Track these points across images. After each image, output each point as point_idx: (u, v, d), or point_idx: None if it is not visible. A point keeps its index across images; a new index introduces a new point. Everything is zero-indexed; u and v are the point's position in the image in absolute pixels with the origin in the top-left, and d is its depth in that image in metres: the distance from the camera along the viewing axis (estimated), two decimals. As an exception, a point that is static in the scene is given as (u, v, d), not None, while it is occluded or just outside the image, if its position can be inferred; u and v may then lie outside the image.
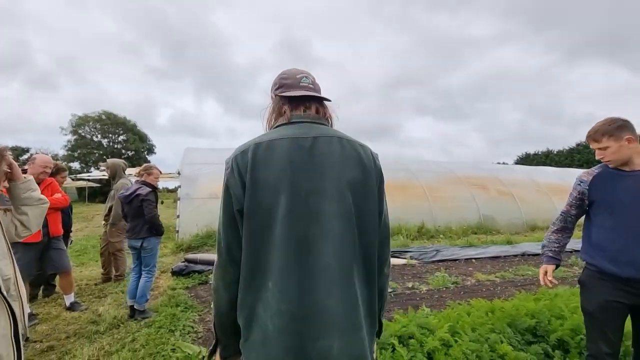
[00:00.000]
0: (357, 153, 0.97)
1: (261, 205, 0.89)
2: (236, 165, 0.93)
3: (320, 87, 1.11)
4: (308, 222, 0.88)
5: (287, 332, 0.84)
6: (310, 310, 0.85)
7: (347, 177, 0.92)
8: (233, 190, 0.92)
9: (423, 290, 4.32)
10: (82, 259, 6.26)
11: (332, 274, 0.86)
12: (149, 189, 3.41)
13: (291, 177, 0.89)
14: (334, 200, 0.89)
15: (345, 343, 0.85)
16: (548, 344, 2.31)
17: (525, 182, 11.73)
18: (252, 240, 0.89)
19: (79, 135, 32.24)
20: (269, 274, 0.88)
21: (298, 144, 0.93)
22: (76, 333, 2.98)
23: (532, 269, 5.40)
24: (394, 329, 2.32)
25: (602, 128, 1.64)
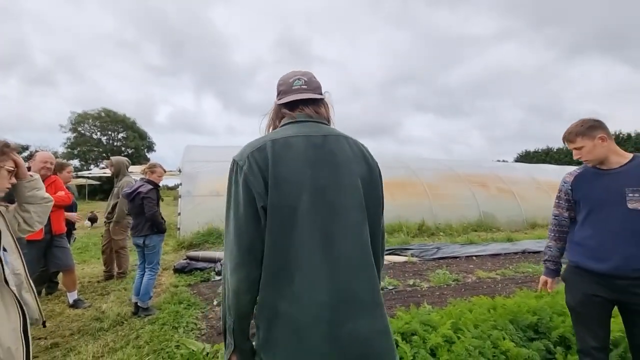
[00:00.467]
0: (360, 150, 1.05)
1: (285, 202, 0.90)
2: (254, 161, 0.93)
3: (318, 84, 1.12)
4: (329, 216, 0.92)
5: (321, 322, 0.88)
6: (341, 297, 0.90)
7: (357, 172, 0.99)
8: (254, 188, 0.91)
9: (424, 287, 4.34)
10: (83, 256, 6.28)
11: (354, 261, 0.93)
12: (150, 186, 3.43)
13: (310, 174, 0.93)
14: (349, 193, 0.96)
15: (371, 321, 0.92)
16: (550, 341, 2.33)
17: (526, 180, 11.75)
18: (277, 236, 0.90)
19: (78, 133, 32.24)
20: (295, 269, 0.89)
21: (311, 142, 0.98)
22: (80, 330, 3.00)
23: (532, 267, 5.43)
24: (396, 325, 2.33)
25: (575, 129, 1.72)
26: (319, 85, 1.13)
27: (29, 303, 1.42)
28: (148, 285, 3.34)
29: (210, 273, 4.83)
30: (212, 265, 5.02)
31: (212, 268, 4.94)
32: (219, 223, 7.29)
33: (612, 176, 1.69)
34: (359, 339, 0.89)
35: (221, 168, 8.94)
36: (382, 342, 0.93)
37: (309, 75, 1.12)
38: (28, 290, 1.44)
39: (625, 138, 33.67)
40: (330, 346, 0.87)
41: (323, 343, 0.87)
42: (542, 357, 2.21)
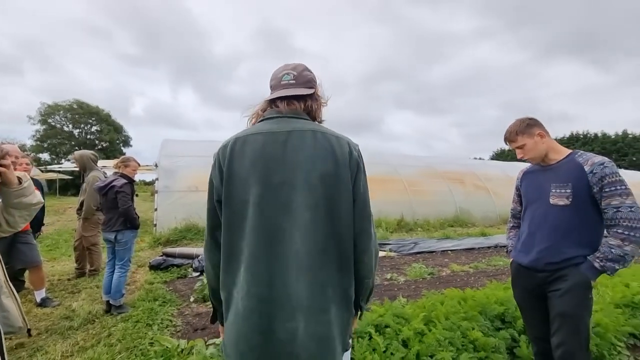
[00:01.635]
0: (330, 145, 0.99)
1: (235, 196, 0.97)
2: (217, 158, 1.02)
3: (309, 77, 1.12)
4: (279, 212, 0.94)
5: (255, 313, 0.91)
6: (279, 293, 0.91)
7: (318, 170, 0.96)
8: (214, 182, 1.02)
9: (401, 281, 4.45)
10: (53, 253, 6.01)
11: (300, 261, 0.92)
12: (124, 180, 3.33)
13: (262, 170, 0.96)
14: (304, 192, 0.94)
15: (310, 325, 0.91)
16: (515, 330, 2.45)
17: (500, 177, 12.20)
18: (228, 228, 0.97)
19: (48, 125, 30.64)
20: (242, 259, 0.95)
21: (273, 139, 0.99)
22: (48, 329, 2.88)
23: (503, 260, 5.67)
24: (370, 318, 2.39)
25: (515, 128, 1.78)
26: (311, 79, 1.11)
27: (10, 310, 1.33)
28: (119, 283, 3.24)
29: (188, 269, 4.76)
30: (190, 261, 4.93)
31: (190, 264, 4.86)
32: (197, 219, 7.15)
33: (546, 173, 1.79)
34: (287, 340, 0.89)
35: (200, 163, 8.80)
36: (313, 347, 0.90)
37: (300, 69, 1.10)
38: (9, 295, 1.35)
39: (592, 138, 35.50)
40: (259, 341, 0.91)
41: (254, 336, 0.91)
42: (508, 345, 2.32)
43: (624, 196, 1.54)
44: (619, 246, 1.53)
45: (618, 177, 1.57)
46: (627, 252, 1.52)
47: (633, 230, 1.51)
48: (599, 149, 33.22)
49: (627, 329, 2.59)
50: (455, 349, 2.17)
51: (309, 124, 1.04)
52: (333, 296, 0.95)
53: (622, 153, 32.84)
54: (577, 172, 1.65)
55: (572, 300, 1.65)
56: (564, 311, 1.66)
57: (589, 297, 1.64)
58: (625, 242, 1.52)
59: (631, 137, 33.47)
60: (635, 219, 1.51)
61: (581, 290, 1.63)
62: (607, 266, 1.55)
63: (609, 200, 1.56)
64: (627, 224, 1.51)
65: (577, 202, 1.64)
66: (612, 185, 1.56)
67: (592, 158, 1.64)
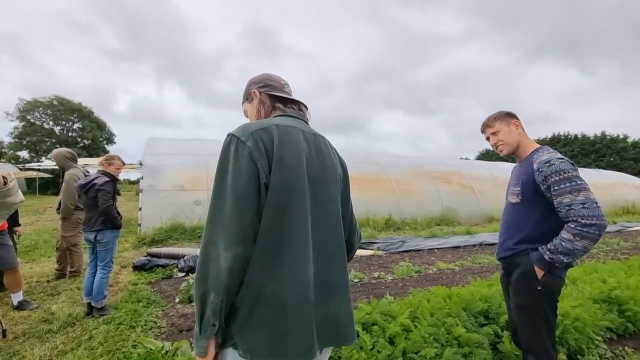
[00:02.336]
0: (336, 153, 1.19)
1: (286, 184, 0.95)
2: (260, 139, 0.94)
3: None
4: (315, 204, 1.01)
5: (306, 303, 0.93)
6: (321, 280, 0.99)
7: (336, 171, 1.12)
8: (260, 163, 0.91)
9: (388, 279, 4.49)
10: (32, 254, 5.81)
11: (331, 248, 1.04)
12: (107, 179, 3.24)
13: (308, 162, 1.02)
14: (331, 187, 1.08)
15: (341, 304, 1.03)
16: (498, 325, 2.50)
17: (485, 177, 12.45)
18: (272, 216, 0.91)
19: (27, 122, 29.53)
20: (287, 250, 0.93)
21: (305, 136, 1.07)
22: (25, 333, 2.78)
23: (488, 257, 5.79)
24: (357, 316, 2.40)
25: (494, 115, 1.88)
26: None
27: None
28: (101, 285, 3.15)
29: (173, 270, 4.67)
30: (175, 261, 4.85)
31: (175, 264, 4.78)
32: (183, 218, 7.04)
33: (516, 169, 1.89)
34: (332, 320, 0.99)
35: (187, 162, 8.68)
36: (347, 324, 1.03)
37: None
38: None
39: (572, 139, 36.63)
40: (311, 326, 0.93)
41: (306, 323, 0.93)
42: (491, 340, 2.37)
43: (574, 193, 1.54)
44: (570, 240, 1.53)
45: (565, 174, 1.56)
46: (577, 247, 1.52)
47: (587, 227, 1.50)
48: (578, 149, 34.32)
49: (605, 323, 2.68)
50: (439, 344, 2.20)
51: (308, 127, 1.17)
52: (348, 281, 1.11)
53: (601, 154, 34.01)
54: (527, 170, 1.71)
55: (521, 290, 1.74)
56: (517, 302, 1.76)
57: (539, 289, 1.65)
58: (577, 238, 1.52)
59: (609, 138, 34.70)
60: (589, 216, 1.50)
61: (527, 280, 1.69)
62: (556, 259, 1.57)
63: (560, 199, 1.57)
64: (581, 220, 1.51)
65: (526, 200, 1.70)
66: (559, 183, 1.56)
67: (542, 156, 1.66)
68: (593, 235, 1.50)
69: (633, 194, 15.89)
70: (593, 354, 2.41)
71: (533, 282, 1.66)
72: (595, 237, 1.50)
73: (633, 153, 33.09)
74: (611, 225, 10.23)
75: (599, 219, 1.49)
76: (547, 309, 1.66)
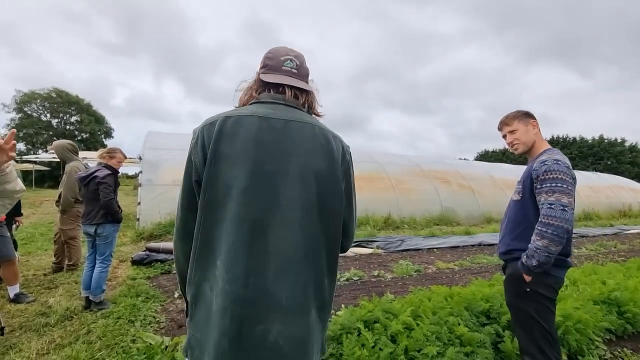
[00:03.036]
0: (327, 143, 0.95)
1: (218, 180, 0.87)
2: (202, 136, 0.91)
3: (307, 71, 1.07)
4: (267, 204, 0.86)
5: (227, 314, 0.82)
6: (254, 293, 0.83)
7: (314, 166, 0.90)
8: (194, 160, 0.90)
9: (388, 278, 4.48)
10: (29, 247, 5.76)
11: (284, 259, 0.85)
12: (108, 171, 3.20)
13: (255, 155, 0.87)
14: (296, 187, 0.88)
15: (286, 326, 0.84)
16: (499, 325, 2.50)
17: (483, 177, 12.47)
18: (205, 214, 0.88)
19: (24, 114, 29.32)
20: (219, 252, 0.85)
21: (269, 124, 0.91)
22: (22, 326, 2.75)
23: (487, 258, 5.80)
24: (359, 314, 2.39)
25: (512, 114, 1.86)
26: (308, 73, 1.07)
27: None
28: (100, 279, 3.11)
29: (172, 265, 4.64)
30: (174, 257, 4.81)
31: (174, 260, 4.75)
32: (182, 214, 7.00)
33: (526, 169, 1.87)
34: (266, 342, 0.83)
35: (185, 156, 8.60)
36: (290, 351, 0.84)
37: (301, 60, 1.05)
38: None
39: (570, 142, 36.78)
40: (233, 342, 0.81)
41: (221, 337, 0.82)
42: (492, 340, 2.36)
43: (549, 193, 1.55)
44: (533, 241, 1.55)
45: (552, 174, 1.56)
46: (538, 247, 1.51)
47: (546, 226, 1.50)
48: (576, 152, 34.46)
49: (604, 324, 2.68)
50: (442, 343, 2.19)
51: (308, 117, 0.99)
52: (315, 299, 0.90)
53: (598, 157, 34.19)
54: (529, 169, 1.73)
55: (509, 290, 1.79)
56: (507, 301, 1.83)
57: (526, 291, 1.65)
58: (538, 237, 1.53)
59: (607, 142, 34.87)
60: (551, 216, 1.50)
61: (513, 282, 1.72)
62: (528, 262, 1.57)
63: (539, 198, 1.61)
64: (543, 220, 1.53)
65: (525, 198, 1.72)
66: (543, 182, 1.59)
67: (542, 156, 1.68)
68: (550, 235, 1.49)
69: (630, 197, 15.98)
70: (593, 355, 2.42)
71: (519, 283, 1.66)
72: (553, 237, 1.49)
73: (630, 157, 33.28)
74: (608, 228, 10.29)
75: (557, 220, 1.48)
76: (539, 309, 1.65)
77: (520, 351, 1.77)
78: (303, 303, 0.87)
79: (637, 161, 33.23)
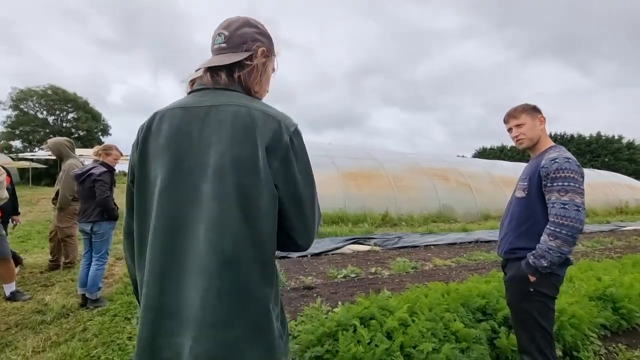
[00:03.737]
0: (252, 124, 0.79)
1: (145, 179, 0.83)
2: (137, 135, 0.88)
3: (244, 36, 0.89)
4: (186, 202, 0.77)
5: (145, 323, 0.76)
6: (169, 300, 0.75)
7: (233, 154, 0.76)
8: (130, 161, 0.89)
9: (385, 275, 4.49)
10: (25, 245, 5.74)
11: (202, 262, 0.74)
12: (104, 169, 3.20)
13: (175, 151, 0.80)
14: (214, 179, 0.76)
15: (200, 342, 0.72)
16: (495, 321, 2.51)
17: (482, 175, 12.50)
18: (137, 215, 0.85)
19: (20, 111, 29.10)
20: (143, 259, 0.81)
21: (191, 115, 0.82)
22: (18, 324, 2.75)
23: (484, 255, 5.82)
24: (355, 311, 2.39)
25: (521, 107, 1.81)
26: (247, 38, 0.89)
27: None
28: (96, 277, 3.10)
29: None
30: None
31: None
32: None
33: (527, 165, 1.85)
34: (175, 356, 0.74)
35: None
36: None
37: (234, 27, 0.89)
38: None
39: (568, 139, 36.91)
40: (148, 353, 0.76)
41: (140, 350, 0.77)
42: (488, 336, 2.37)
43: (562, 192, 1.52)
44: (545, 242, 1.53)
45: (565, 173, 1.54)
46: (551, 247, 1.49)
47: (560, 226, 1.48)
48: (574, 149, 34.59)
49: (600, 320, 2.70)
50: (437, 339, 2.20)
51: (237, 98, 0.84)
52: (241, 311, 0.75)
53: (596, 154, 34.35)
54: (535, 166, 1.69)
55: (511, 290, 1.76)
56: (509, 301, 1.80)
57: (529, 291, 1.62)
58: (551, 238, 1.50)
59: (604, 139, 35.01)
60: (565, 216, 1.48)
61: (516, 282, 1.68)
62: (537, 263, 1.54)
63: (549, 196, 1.58)
64: (556, 219, 1.50)
65: (531, 196, 1.69)
66: (555, 181, 1.56)
67: (552, 154, 1.65)
68: (564, 236, 1.48)
69: (627, 194, 16.07)
70: (588, 350, 2.43)
71: (523, 284, 1.64)
72: (567, 238, 1.48)
73: (627, 154, 33.44)
74: (605, 225, 10.35)
75: (572, 221, 1.47)
76: (541, 310, 1.64)
77: (519, 350, 1.75)
78: (223, 316, 0.73)
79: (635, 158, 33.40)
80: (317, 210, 0.89)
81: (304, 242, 0.88)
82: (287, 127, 0.82)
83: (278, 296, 0.85)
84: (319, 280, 4.16)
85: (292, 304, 3.27)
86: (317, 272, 4.58)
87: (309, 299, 3.38)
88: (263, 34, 0.93)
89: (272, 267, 0.81)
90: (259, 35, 0.91)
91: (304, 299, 3.42)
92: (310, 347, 2.08)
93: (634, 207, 15.36)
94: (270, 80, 0.99)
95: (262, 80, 0.93)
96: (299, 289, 3.79)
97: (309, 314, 2.65)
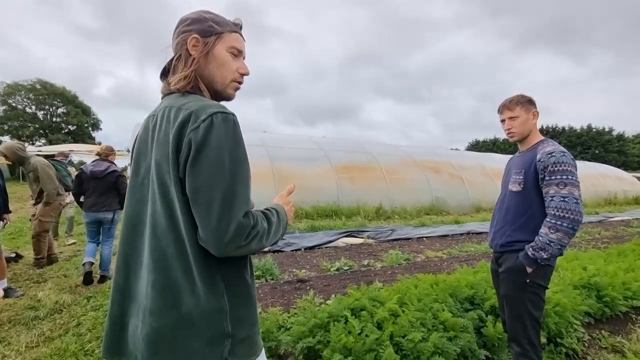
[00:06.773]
0: (171, 122, 0.79)
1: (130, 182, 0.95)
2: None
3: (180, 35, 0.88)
4: (139, 202, 0.88)
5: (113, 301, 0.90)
6: (131, 286, 0.88)
7: (156, 155, 0.82)
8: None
9: (377, 267, 4.56)
10: (16, 242, 5.71)
11: (146, 258, 0.83)
12: (118, 166, 3.85)
13: (136, 155, 0.91)
14: (150, 180, 0.84)
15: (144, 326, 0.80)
16: (483, 310, 2.57)
17: (474, 167, 12.63)
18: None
19: (8, 106, 28.52)
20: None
21: (152, 119, 0.89)
22: (11, 320, 2.75)
23: (475, 246, 5.92)
24: (347, 302, 2.43)
25: (516, 99, 1.79)
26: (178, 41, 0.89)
27: None
28: (110, 255, 3.74)
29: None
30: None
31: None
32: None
33: (517, 158, 1.87)
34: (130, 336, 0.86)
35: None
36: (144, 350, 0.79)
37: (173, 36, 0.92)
38: None
39: (560, 131, 37.31)
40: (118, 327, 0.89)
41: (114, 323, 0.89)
42: (475, 325, 2.44)
43: (560, 186, 1.55)
44: (546, 234, 1.56)
45: (562, 167, 1.57)
46: (552, 239, 1.53)
47: (560, 219, 1.52)
48: (565, 141, 35.04)
49: (584, 308, 2.79)
50: (426, 329, 2.26)
51: (176, 99, 0.85)
52: (175, 302, 0.78)
53: (586, 146, 34.84)
54: (530, 160, 1.71)
55: (507, 282, 1.76)
56: (504, 293, 1.80)
57: (526, 282, 1.65)
58: (552, 230, 1.54)
59: (595, 131, 35.49)
60: (565, 209, 1.52)
61: (514, 274, 1.71)
62: (537, 255, 1.58)
63: (547, 189, 1.61)
64: (556, 212, 1.53)
65: (527, 189, 1.71)
66: (553, 174, 1.59)
67: (547, 147, 1.67)
68: (565, 228, 1.52)
69: (615, 185, 16.37)
70: (572, 337, 2.51)
71: (520, 275, 1.67)
72: (568, 230, 1.52)
73: (617, 145, 33.96)
74: (593, 216, 10.55)
75: (572, 213, 1.51)
76: (534, 300, 1.68)
77: (509, 339, 1.79)
78: (159, 306, 0.79)
79: (624, 150, 33.93)
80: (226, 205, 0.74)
81: (208, 238, 0.75)
82: (196, 117, 0.76)
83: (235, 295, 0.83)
84: (312, 273, 4.21)
85: (285, 296, 3.31)
86: (311, 265, 4.63)
87: (302, 291, 3.42)
88: (192, 22, 0.88)
89: (204, 262, 0.79)
90: (188, 26, 0.89)
91: (297, 291, 3.46)
92: (303, 338, 2.12)
93: (623, 198, 15.67)
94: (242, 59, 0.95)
95: (211, 66, 0.89)
96: (292, 282, 3.83)
97: (301, 306, 2.69)
